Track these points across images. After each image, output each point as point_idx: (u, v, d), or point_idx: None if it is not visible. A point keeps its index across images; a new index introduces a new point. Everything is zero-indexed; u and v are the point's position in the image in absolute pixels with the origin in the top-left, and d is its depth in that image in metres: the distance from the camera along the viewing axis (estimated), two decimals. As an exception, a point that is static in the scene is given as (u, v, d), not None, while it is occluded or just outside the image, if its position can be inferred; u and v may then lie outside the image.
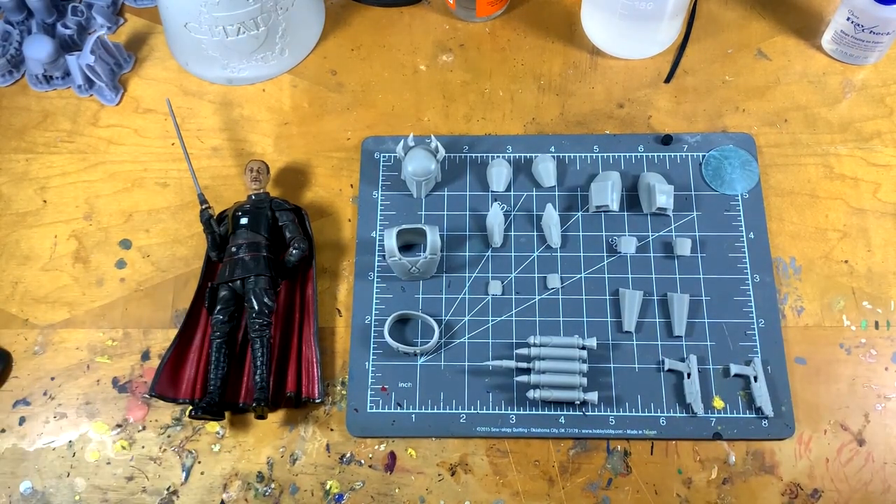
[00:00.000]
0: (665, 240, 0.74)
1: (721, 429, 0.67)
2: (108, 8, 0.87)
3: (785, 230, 0.74)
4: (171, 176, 0.79)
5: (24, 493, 0.68)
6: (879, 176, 0.77)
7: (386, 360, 0.70)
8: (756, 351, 0.69)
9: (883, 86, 0.81)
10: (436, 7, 0.87)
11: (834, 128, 0.79)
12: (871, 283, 0.72)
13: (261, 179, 0.74)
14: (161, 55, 0.86)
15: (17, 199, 0.79)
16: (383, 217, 0.76)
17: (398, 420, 0.68)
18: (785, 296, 0.72)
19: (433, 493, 0.67)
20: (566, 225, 0.75)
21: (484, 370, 0.70)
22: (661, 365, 0.69)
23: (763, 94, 0.81)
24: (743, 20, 0.85)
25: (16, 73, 0.85)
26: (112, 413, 0.70)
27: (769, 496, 0.65)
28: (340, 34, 0.86)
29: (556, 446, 0.68)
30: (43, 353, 0.72)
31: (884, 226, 0.74)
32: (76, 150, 0.81)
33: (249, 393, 0.70)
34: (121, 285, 0.75)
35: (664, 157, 0.77)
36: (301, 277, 0.74)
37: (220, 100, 0.83)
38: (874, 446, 0.67)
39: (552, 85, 0.82)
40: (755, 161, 0.77)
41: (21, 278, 0.75)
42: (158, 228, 0.77)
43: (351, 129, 0.81)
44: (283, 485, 0.67)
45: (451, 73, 0.83)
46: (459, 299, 0.72)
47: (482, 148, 0.79)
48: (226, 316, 0.70)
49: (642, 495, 0.66)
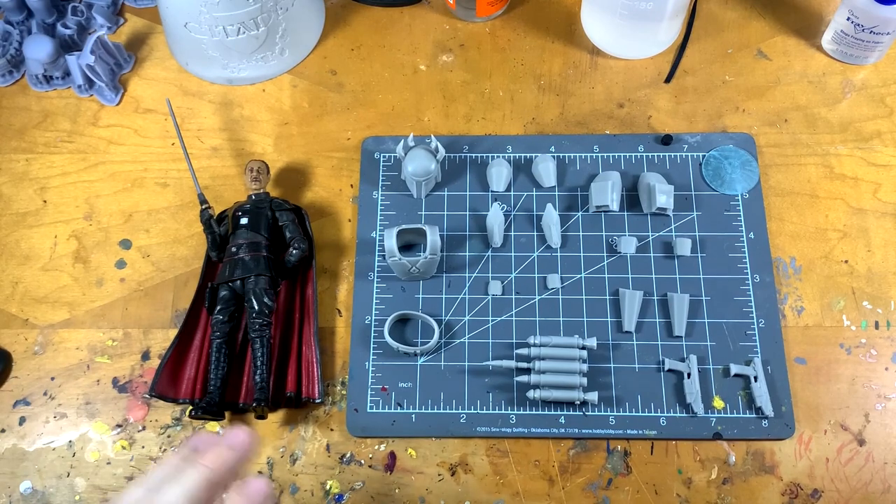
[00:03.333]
0: (665, 240, 0.74)
1: (721, 429, 0.67)
2: (108, 8, 0.87)
3: (785, 230, 0.74)
4: (171, 176, 0.79)
5: (24, 493, 0.68)
6: (879, 176, 0.77)
7: (386, 360, 0.70)
8: (756, 351, 0.69)
9: (883, 86, 0.81)
10: (436, 7, 0.87)
11: (834, 128, 0.79)
12: (871, 283, 0.72)
13: (261, 179, 0.74)
14: (161, 55, 0.86)
15: (17, 199, 0.79)
16: (383, 217, 0.76)
17: (398, 420, 0.68)
18: (785, 296, 0.72)
19: (433, 493, 0.67)
20: (566, 225, 0.75)
21: (484, 370, 0.70)
22: (661, 365, 0.69)
23: (763, 94, 0.81)
24: (743, 20, 0.85)
25: (16, 73, 0.85)
26: (112, 413, 0.70)
27: (769, 496, 0.65)
28: (340, 34, 0.86)
29: (556, 446, 0.68)
30: (43, 353, 0.72)
31: (884, 226, 0.74)
32: (76, 150, 0.81)
33: (249, 393, 0.70)
34: (121, 285, 0.75)
35: (664, 157, 0.77)
36: (301, 277, 0.74)
37: (220, 100, 0.83)
38: (874, 446, 0.67)
39: (552, 85, 0.82)
40: (755, 161, 0.77)
41: (21, 278, 0.75)
42: (158, 228, 0.77)
43: (351, 129, 0.81)
44: (283, 485, 0.67)
45: (451, 73, 0.83)
46: (459, 299, 0.72)
47: (482, 148, 0.79)
48: (226, 316, 0.70)
49: (642, 495, 0.66)
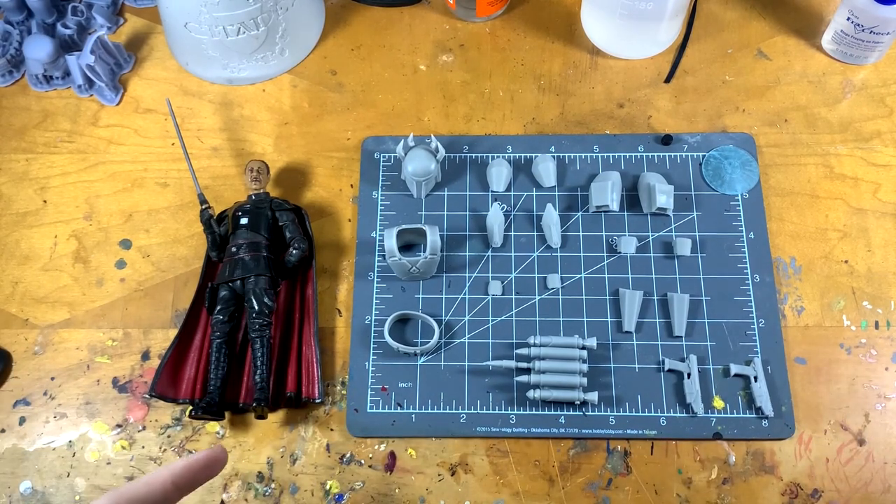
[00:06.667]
0: (665, 240, 0.74)
1: (721, 429, 0.67)
2: (108, 8, 0.87)
3: (785, 230, 0.74)
4: (171, 176, 0.79)
5: (24, 493, 0.68)
6: (879, 176, 0.77)
7: (386, 360, 0.70)
8: (756, 351, 0.69)
9: (883, 86, 0.81)
10: (436, 7, 0.87)
11: (834, 128, 0.79)
12: (871, 283, 0.72)
13: (261, 179, 0.74)
14: (161, 55, 0.86)
15: (17, 199, 0.79)
16: (383, 217, 0.76)
17: (398, 420, 0.68)
18: (785, 296, 0.72)
19: (433, 493, 0.67)
20: (566, 225, 0.75)
21: (484, 370, 0.70)
22: (661, 365, 0.69)
23: (763, 94, 0.81)
24: (743, 20, 0.85)
25: (16, 73, 0.85)
26: (112, 413, 0.70)
27: (769, 496, 0.65)
28: (340, 34, 0.86)
29: (556, 446, 0.68)
30: (43, 353, 0.72)
31: (884, 226, 0.74)
32: (76, 150, 0.81)
33: (249, 393, 0.70)
34: (121, 285, 0.75)
35: (664, 157, 0.77)
36: (301, 277, 0.74)
37: (220, 100, 0.83)
38: (874, 446, 0.67)
39: (552, 85, 0.82)
40: (755, 161, 0.77)
41: (21, 278, 0.75)
42: (158, 228, 0.77)
43: (351, 129, 0.81)
44: (283, 485, 0.67)
45: (451, 73, 0.83)
46: (459, 299, 0.72)
47: (482, 148, 0.79)
48: (226, 316, 0.70)
49: (642, 495, 0.66)
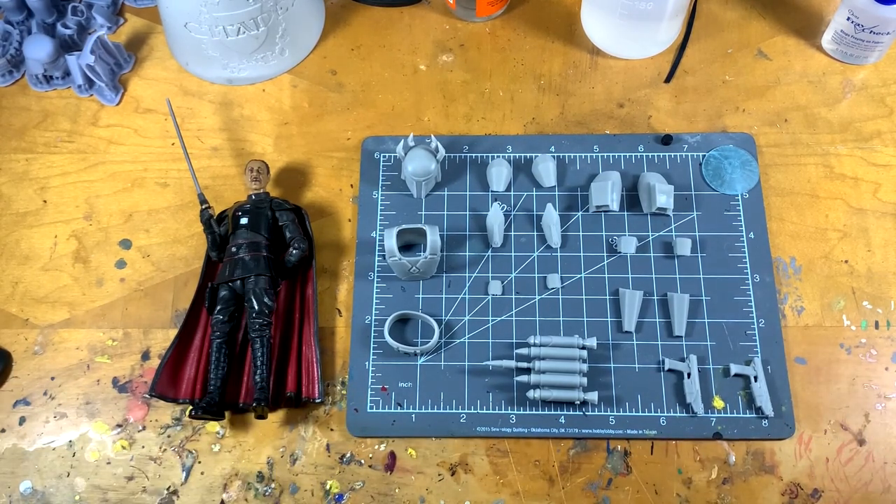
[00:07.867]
0: (665, 240, 0.74)
1: (721, 429, 0.67)
2: (108, 8, 0.87)
3: (785, 230, 0.74)
4: (171, 176, 0.79)
5: (24, 493, 0.68)
6: (879, 176, 0.77)
7: (386, 360, 0.70)
8: (756, 351, 0.69)
9: (883, 86, 0.81)
10: (436, 7, 0.87)
11: (834, 128, 0.79)
12: (871, 283, 0.72)
13: (261, 179, 0.74)
14: (161, 55, 0.86)
15: (17, 199, 0.79)
16: (383, 217, 0.76)
17: (398, 420, 0.68)
18: (785, 296, 0.72)
19: (433, 493, 0.67)
20: (566, 225, 0.75)
21: (484, 370, 0.70)
22: (661, 365, 0.69)
23: (763, 94, 0.81)
24: (743, 20, 0.85)
25: (16, 73, 0.85)
26: (112, 413, 0.70)
27: (769, 496, 0.65)
28: (340, 34, 0.86)
29: (556, 446, 0.68)
30: (43, 353, 0.72)
31: (884, 226, 0.74)
32: (76, 150, 0.81)
33: (249, 393, 0.70)
34: (121, 285, 0.75)
35: (664, 157, 0.77)
36: (301, 277, 0.74)
37: (220, 100, 0.83)
38: (874, 446, 0.67)
39: (552, 85, 0.82)
40: (755, 161, 0.77)
41: (21, 278, 0.75)
42: (158, 228, 0.77)
43: (351, 129, 0.81)
44: (283, 485, 0.67)
45: (451, 73, 0.83)
46: (459, 299, 0.72)
47: (482, 148, 0.79)
48: (226, 316, 0.70)
49: (642, 495, 0.66)
